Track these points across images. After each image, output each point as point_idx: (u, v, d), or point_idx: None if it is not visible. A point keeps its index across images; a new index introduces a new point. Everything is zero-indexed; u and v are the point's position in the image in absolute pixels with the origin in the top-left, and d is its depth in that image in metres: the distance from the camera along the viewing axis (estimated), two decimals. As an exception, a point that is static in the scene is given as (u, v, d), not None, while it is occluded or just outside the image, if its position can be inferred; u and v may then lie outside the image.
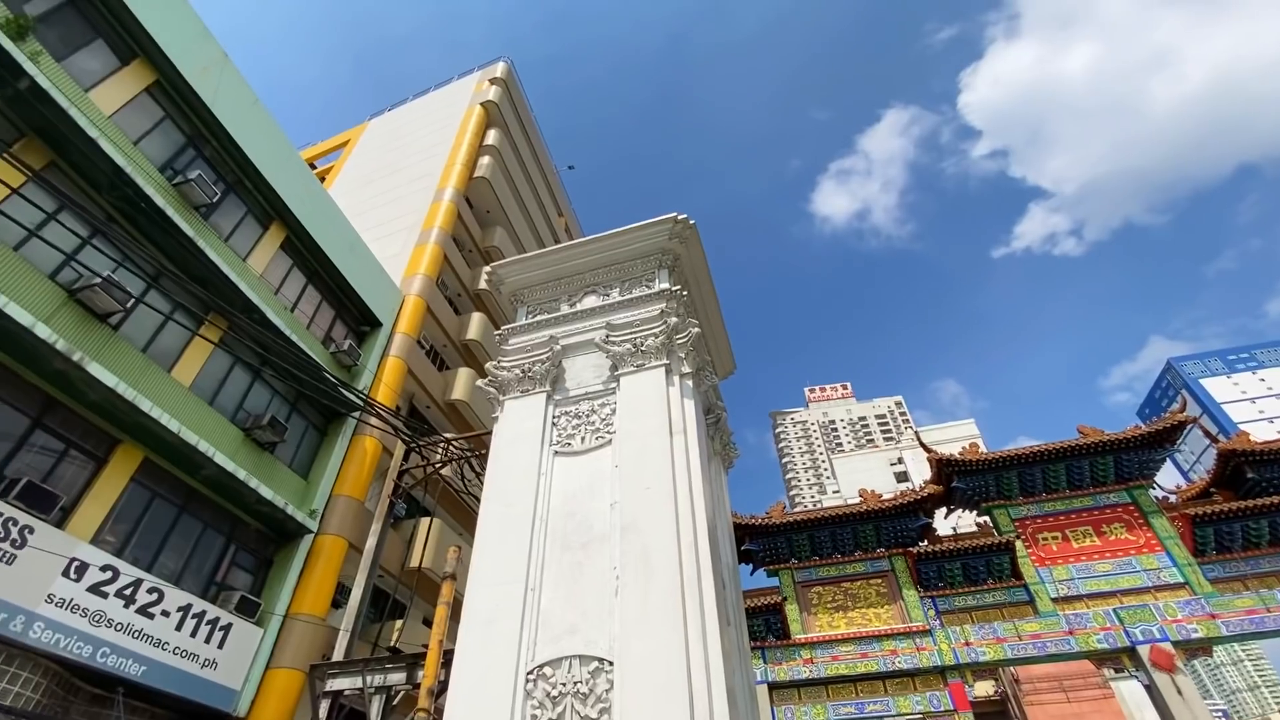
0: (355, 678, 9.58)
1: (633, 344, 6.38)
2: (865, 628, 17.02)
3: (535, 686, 4.63)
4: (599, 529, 5.35)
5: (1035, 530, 17.66)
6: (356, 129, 31.42)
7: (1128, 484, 17.64)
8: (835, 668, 16.49)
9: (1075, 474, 17.84)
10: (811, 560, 18.44)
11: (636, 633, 4.64)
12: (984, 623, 16.55)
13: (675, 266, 7.28)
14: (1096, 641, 15.65)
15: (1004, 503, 18.21)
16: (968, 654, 16.08)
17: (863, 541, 18.24)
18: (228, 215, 13.26)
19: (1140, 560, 16.53)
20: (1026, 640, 16.04)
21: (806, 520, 18.37)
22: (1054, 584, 16.65)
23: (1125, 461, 17.65)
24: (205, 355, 11.97)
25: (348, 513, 14.02)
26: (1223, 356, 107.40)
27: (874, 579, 17.88)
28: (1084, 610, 16.12)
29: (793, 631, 17.21)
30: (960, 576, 17.17)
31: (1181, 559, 16.25)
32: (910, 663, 16.19)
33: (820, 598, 17.90)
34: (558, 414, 6.35)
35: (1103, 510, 17.53)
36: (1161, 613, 15.61)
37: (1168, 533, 16.69)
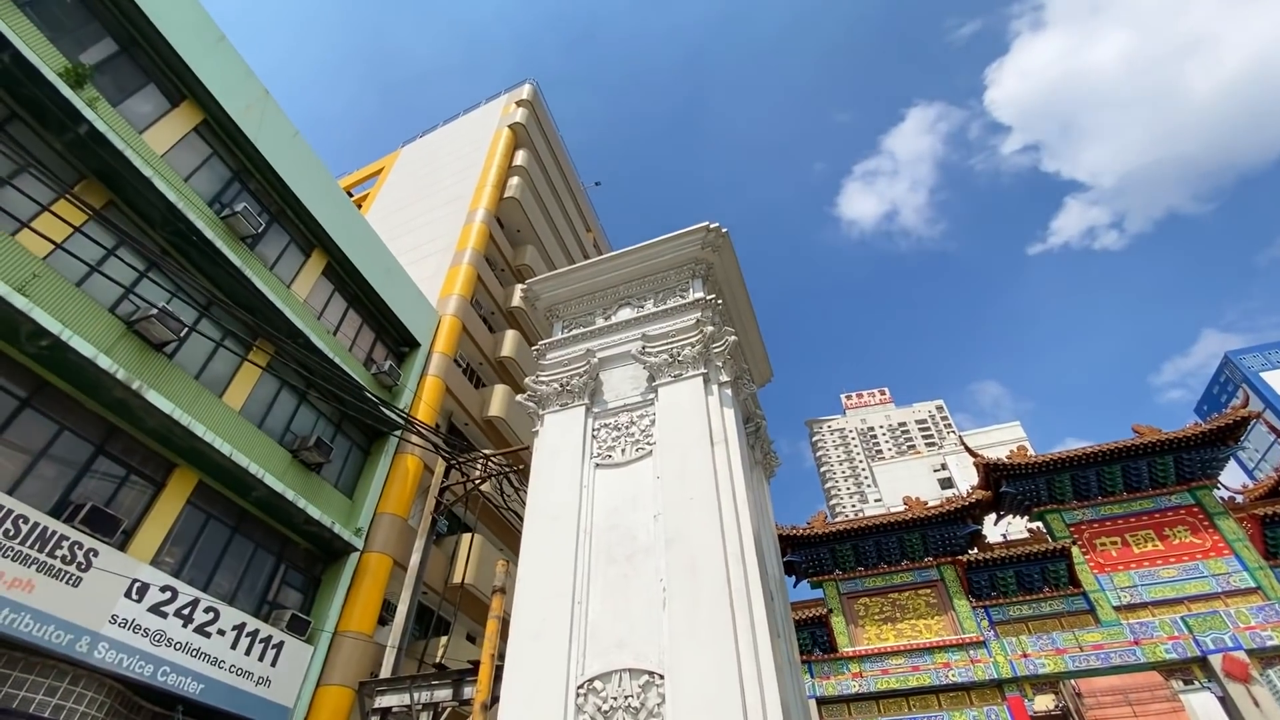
0: (403, 694, 9.69)
1: (669, 354, 6.37)
2: (915, 640, 16.51)
3: (586, 701, 4.61)
4: (643, 540, 5.32)
5: (1092, 535, 16.95)
6: (390, 156, 32.38)
7: (1190, 485, 16.83)
8: (886, 681, 16.02)
9: (1133, 475, 17.09)
10: (856, 571, 18.02)
11: (686, 646, 4.59)
12: (1042, 633, 15.89)
13: (709, 275, 7.27)
14: (1164, 651, 14.89)
15: (1057, 507, 17.55)
16: (1026, 665, 15.45)
17: (909, 550, 17.76)
18: (272, 244, 13.77)
19: (1208, 565, 15.71)
20: (1089, 651, 15.34)
21: (849, 530, 17.98)
22: (1115, 591, 15.93)
23: (1186, 461, 16.85)
24: (254, 380, 12.38)
25: (392, 530, 14.26)
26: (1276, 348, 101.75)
27: (923, 589, 17.37)
28: (1149, 619, 15.36)
29: (840, 644, 16.79)
30: (1014, 585, 16.55)
31: (1252, 562, 15.38)
32: (965, 675, 15.62)
33: (867, 609, 17.45)
34: (597, 426, 6.36)
35: (1164, 513, 16.74)
36: (1233, 619, 14.78)
37: (1236, 535, 15.84)
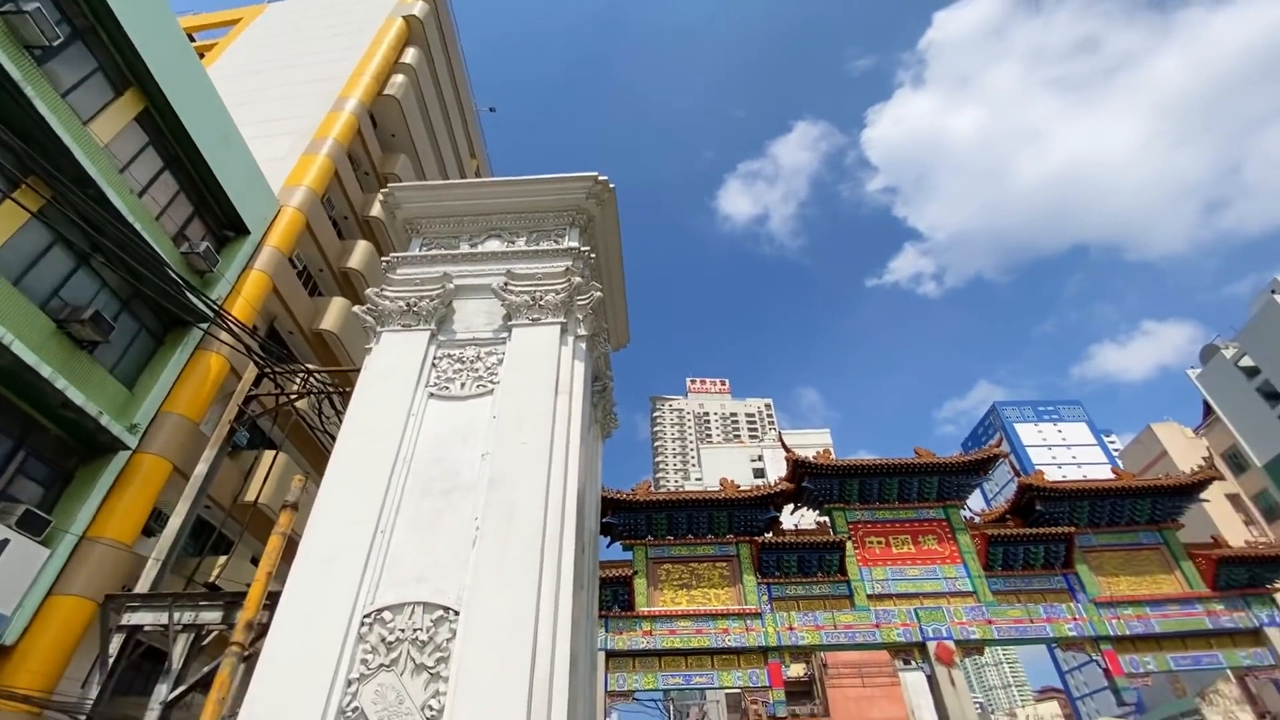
0: (160, 613, 8.62)
1: (531, 296, 6.17)
2: (705, 606, 18.03)
3: (371, 630, 4.40)
4: (465, 478, 5.15)
5: (865, 534, 19.56)
6: (252, 9, 27.72)
7: (945, 503, 19.98)
8: (671, 641, 17.35)
9: (906, 488, 19.92)
10: (666, 539, 19.17)
11: (490, 586, 4.55)
12: (808, 611, 18.13)
13: (587, 227, 7.12)
14: (896, 635, 17.70)
15: (843, 506, 19.97)
16: (790, 637, 17.57)
17: (716, 526, 19.24)
18: (71, 66, 11.18)
19: (943, 569, 18.84)
20: (840, 629, 17.79)
21: (669, 500, 19.04)
22: (871, 582, 18.57)
23: (947, 483, 19.96)
24: (17, 224, 10.07)
25: (177, 433, 12.52)
26: (1034, 406, 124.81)
27: (720, 562, 18.95)
28: (891, 607, 18.14)
29: (638, 604, 17.84)
30: (795, 568, 18.65)
31: (975, 571, 18.73)
32: (739, 641, 17.40)
33: (669, 575, 18.69)
34: (439, 355, 6.00)
35: (922, 523, 19.75)
36: (951, 615, 17.93)
37: (968, 548, 19.15)
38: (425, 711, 4.12)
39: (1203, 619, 17.58)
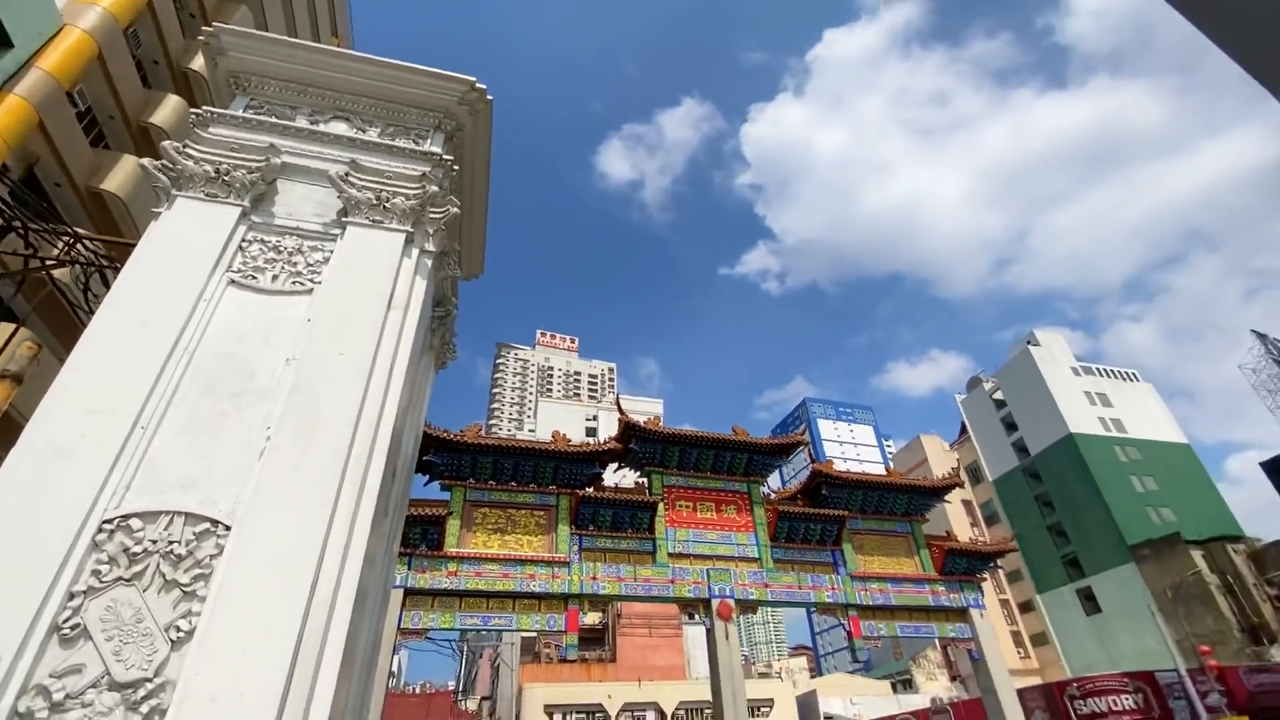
0: None
1: (376, 195, 5.48)
2: (517, 552, 18.14)
3: (110, 539, 3.71)
4: (262, 382, 4.50)
5: (676, 497, 20.88)
6: None
7: (750, 478, 21.97)
8: (476, 583, 17.26)
9: (720, 461, 21.54)
10: (488, 484, 18.90)
11: (274, 503, 4.04)
12: (613, 563, 19.04)
13: (454, 135, 6.49)
14: (688, 591, 19.27)
15: (663, 470, 21.11)
16: (593, 586, 18.35)
17: (540, 476, 19.33)
18: None
19: (737, 536, 20.78)
20: (640, 582, 18.95)
21: (500, 446, 18.73)
22: (674, 542, 19.95)
23: (755, 461, 21.92)
24: None
25: None
26: (836, 406, 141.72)
27: (538, 511, 19.13)
28: (687, 566, 19.67)
29: (447, 545, 17.46)
30: (609, 522, 19.41)
31: (763, 541, 20.91)
32: (543, 587, 17.80)
33: (485, 518, 18.49)
34: (250, 238, 5.13)
35: (727, 494, 21.54)
36: (736, 577, 19.90)
37: (761, 520, 21.29)
38: (171, 633, 3.59)
39: (928, 597, 21.34)
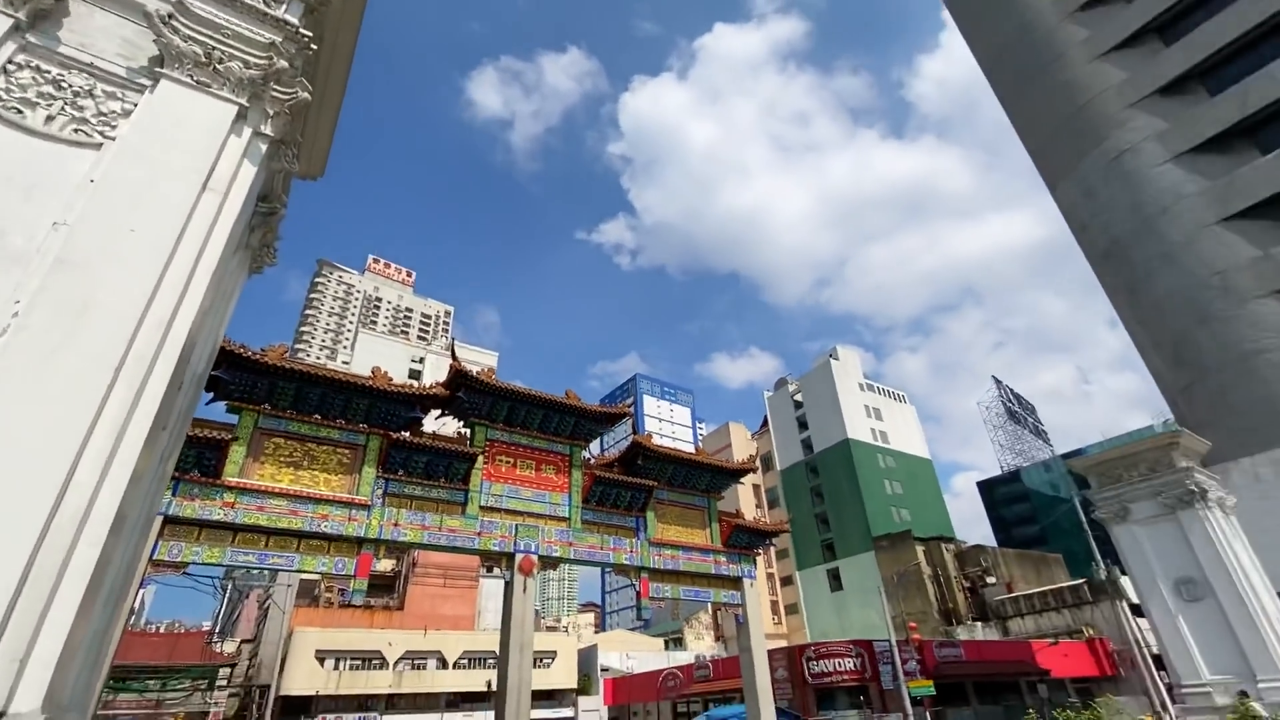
0: None
1: (207, 53, 4.56)
2: (311, 490, 16.68)
3: None
4: (16, 245, 3.57)
5: (498, 452, 20.65)
6: None
7: (574, 441, 22.40)
8: (255, 517, 15.61)
9: (548, 421, 21.66)
10: (288, 413, 17.08)
11: (21, 394, 3.27)
12: (420, 511, 18.36)
13: (317, 10, 5.60)
14: (493, 545, 19.25)
15: (488, 424, 20.71)
16: (391, 532, 17.54)
17: (352, 412, 17.91)
18: None
19: (551, 496, 21.15)
20: (444, 532, 18.51)
21: (309, 373, 16.95)
22: (488, 495, 19.76)
23: (581, 426, 22.38)
24: None
25: None
26: (662, 386, 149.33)
27: (343, 448, 17.74)
28: (497, 520, 19.62)
29: (227, 473, 15.54)
30: (421, 469, 18.63)
31: (575, 502, 21.51)
32: (337, 529, 16.62)
33: (278, 449, 16.72)
34: (22, 61, 4.00)
35: (549, 453, 21.77)
36: (545, 534, 20.30)
37: (577, 483, 21.87)
38: None
39: (711, 565, 23.57)
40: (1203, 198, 23.65)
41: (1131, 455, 15.96)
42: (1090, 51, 28.61)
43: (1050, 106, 29.79)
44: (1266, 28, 23.76)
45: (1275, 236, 21.91)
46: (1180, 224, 23.93)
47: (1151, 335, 24.81)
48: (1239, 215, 22.70)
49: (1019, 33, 31.96)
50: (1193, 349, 23.07)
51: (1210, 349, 22.47)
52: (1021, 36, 31.79)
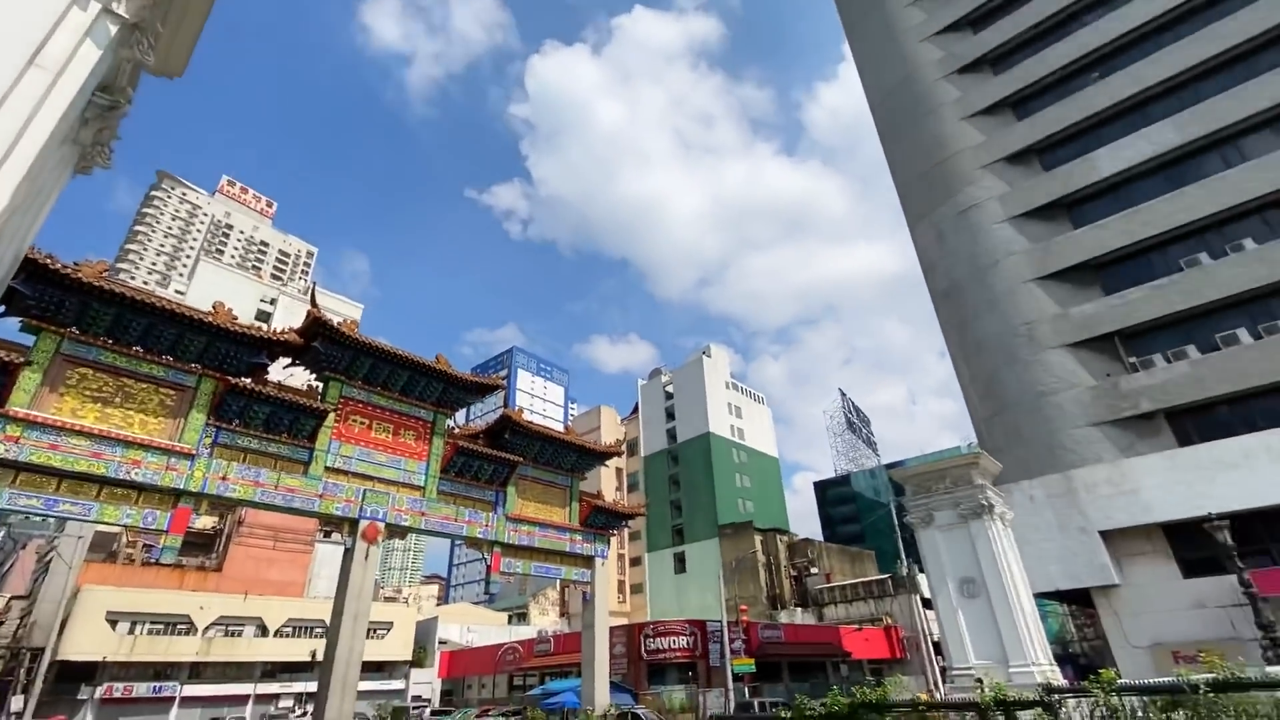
0: None
1: (49, -97, 3.80)
2: (122, 431, 14.62)
3: None
4: None
5: (353, 411, 19.36)
6: None
7: (439, 408, 21.57)
8: (47, 456, 13.43)
9: (413, 385, 20.65)
10: (100, 340, 14.81)
11: None
12: (254, 466, 16.78)
13: (199, -112, 4.85)
14: (336, 509, 18.08)
15: (345, 380, 19.33)
16: (220, 487, 15.88)
17: (183, 350, 15.91)
18: None
19: (408, 462, 20.24)
20: (281, 491, 17.08)
21: (134, 298, 14.76)
22: (337, 456, 18.49)
23: (450, 394, 21.59)
24: None
25: None
26: (539, 362, 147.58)
27: (168, 388, 15.73)
28: (343, 483, 18.43)
29: (14, 401, 13.20)
30: (261, 421, 17.03)
31: (433, 471, 20.77)
32: (150, 478, 14.75)
33: (83, 381, 14.45)
34: None
35: (410, 418, 20.79)
36: (395, 502, 19.41)
37: (438, 451, 21.12)
38: None
39: (566, 543, 23.85)
40: (1025, 257, 27.60)
41: (940, 470, 18.38)
42: (959, 111, 32.13)
43: (920, 153, 33.11)
44: (1096, 120, 28.07)
45: (1074, 298, 26.14)
46: (1005, 277, 27.78)
47: (970, 369, 28.62)
48: (1050, 276, 26.79)
49: (904, 81, 35.11)
50: (999, 385, 26.96)
51: (1012, 387, 26.40)
52: (906, 85, 34.95)
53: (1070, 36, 30.11)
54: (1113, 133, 27.66)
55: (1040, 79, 30.53)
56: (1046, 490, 24.00)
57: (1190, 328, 23.53)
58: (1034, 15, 31.65)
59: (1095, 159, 27.35)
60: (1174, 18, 27.62)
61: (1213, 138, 24.99)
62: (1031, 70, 30.84)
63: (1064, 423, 24.64)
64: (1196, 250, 24.15)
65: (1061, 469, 24.03)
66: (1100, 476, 23.06)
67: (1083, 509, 23.05)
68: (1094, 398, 24.39)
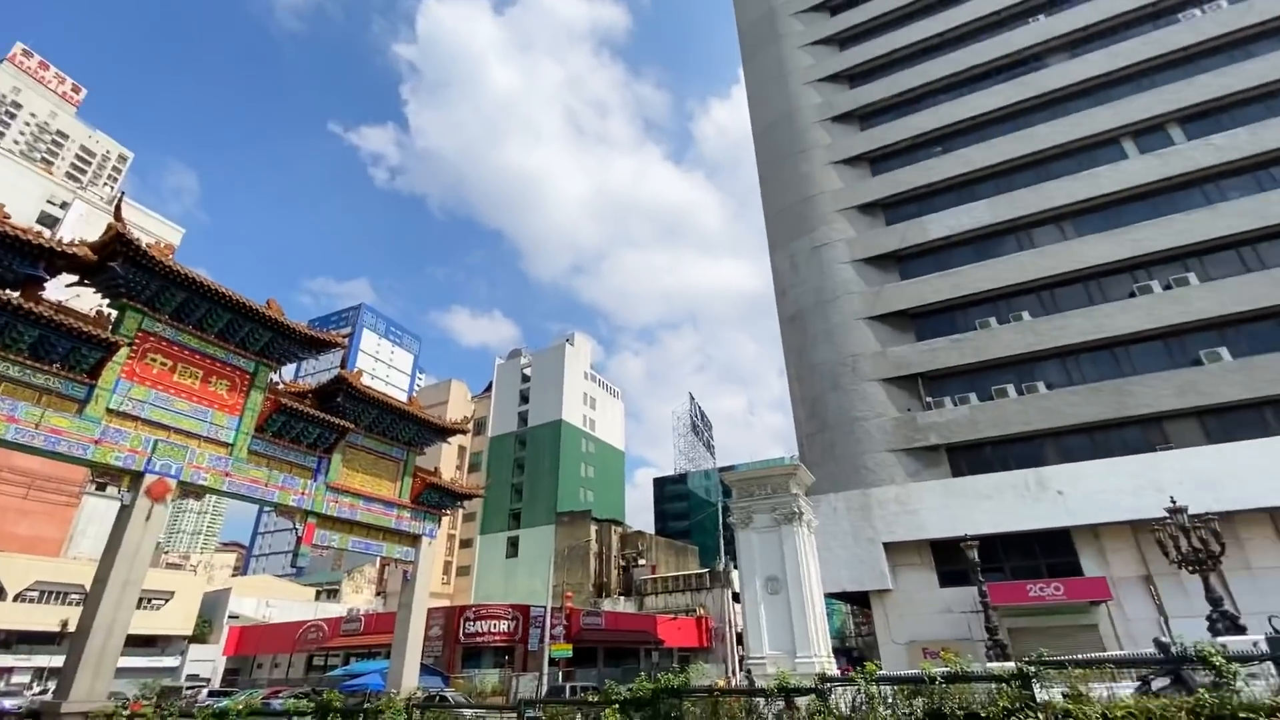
0: None
1: None
2: None
3: None
4: None
5: (152, 349, 16.83)
6: None
7: (263, 359, 19.40)
8: None
9: (234, 328, 18.40)
10: None
11: None
12: (10, 398, 13.99)
13: None
14: (115, 458, 15.60)
15: (148, 311, 16.73)
16: (-48, 418, 13.00)
17: (-79, 243, 12.81)
18: None
19: (215, 414, 17.98)
20: (44, 431, 14.42)
21: None
22: (124, 398, 15.96)
23: (278, 345, 19.51)
24: None
25: None
26: (390, 324, 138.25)
27: (-109, 289, 12.56)
28: (129, 430, 15.96)
29: None
30: (27, 345, 14.24)
31: (245, 428, 18.63)
32: None
33: None
34: None
35: (226, 366, 18.49)
36: (194, 457, 17.15)
37: (255, 406, 18.99)
38: None
39: (392, 520, 22.61)
40: (860, 297, 31.02)
41: (763, 478, 20.10)
42: (827, 156, 35.27)
43: (789, 187, 35.85)
44: (932, 189, 32.28)
45: (893, 340, 29.87)
46: (842, 312, 31.01)
47: (802, 390, 31.57)
48: (877, 318, 30.37)
49: (786, 117, 37.77)
50: (823, 407, 30.04)
51: (833, 410, 29.56)
52: (787, 121, 37.62)
53: (928, 110, 34.25)
54: (944, 202, 31.91)
55: (895, 143, 34.41)
56: (848, 504, 27.12)
57: (975, 378, 27.87)
58: (898, 86, 35.60)
59: (925, 223, 31.38)
60: (1005, 115, 32.51)
61: (1015, 223, 29.80)
62: (890, 133, 34.65)
63: (870, 446, 28.00)
64: (989, 315, 28.64)
65: (863, 486, 27.31)
66: (890, 496, 26.53)
67: (873, 523, 26.38)
68: (895, 428, 28.00)
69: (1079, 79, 31.09)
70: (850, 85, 37.63)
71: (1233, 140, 26.83)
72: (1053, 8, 33.85)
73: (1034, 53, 33.21)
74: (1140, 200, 28.09)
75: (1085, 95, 31.11)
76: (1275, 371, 22.86)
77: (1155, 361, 25.41)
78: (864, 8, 39.13)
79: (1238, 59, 28.61)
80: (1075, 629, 22.88)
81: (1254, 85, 27.52)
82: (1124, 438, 24.95)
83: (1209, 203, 26.67)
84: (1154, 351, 25.70)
